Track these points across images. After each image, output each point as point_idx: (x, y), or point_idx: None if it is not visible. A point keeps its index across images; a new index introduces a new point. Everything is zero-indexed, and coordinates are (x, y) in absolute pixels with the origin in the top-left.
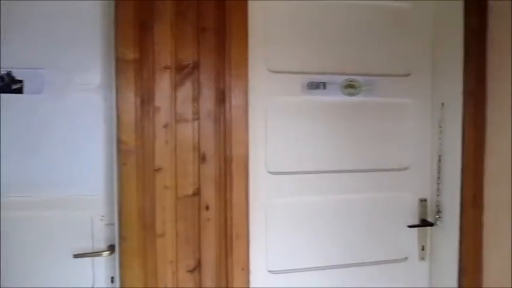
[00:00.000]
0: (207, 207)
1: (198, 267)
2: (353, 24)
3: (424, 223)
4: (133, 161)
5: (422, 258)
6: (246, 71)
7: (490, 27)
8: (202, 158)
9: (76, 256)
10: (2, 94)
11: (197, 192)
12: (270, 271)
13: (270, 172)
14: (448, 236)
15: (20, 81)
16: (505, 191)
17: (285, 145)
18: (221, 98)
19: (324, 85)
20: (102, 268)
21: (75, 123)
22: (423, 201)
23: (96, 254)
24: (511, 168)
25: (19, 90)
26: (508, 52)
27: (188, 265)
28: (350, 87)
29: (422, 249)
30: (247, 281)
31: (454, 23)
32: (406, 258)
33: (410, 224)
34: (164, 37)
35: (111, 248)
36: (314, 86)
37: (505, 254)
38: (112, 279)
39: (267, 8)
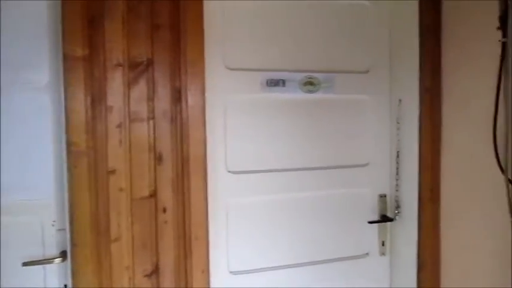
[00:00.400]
0: (164, 209)
1: (155, 271)
2: (312, 21)
3: (384, 218)
4: (85, 163)
5: (383, 254)
6: (203, 69)
7: (443, 24)
8: (159, 159)
9: (25, 264)
10: None
11: (154, 194)
12: (231, 272)
13: (230, 171)
14: (407, 231)
15: None
16: (461, 186)
17: (245, 144)
18: (177, 96)
19: (283, 82)
20: (54, 276)
21: (22, 124)
22: (383, 196)
23: (47, 261)
24: (467, 164)
25: None
26: (461, 48)
27: (145, 270)
28: (309, 84)
29: (383, 244)
30: (208, 283)
31: (410, 20)
32: (367, 254)
33: (370, 219)
34: (116, 34)
35: (63, 255)
36: (273, 83)
37: (462, 248)
38: (65, 287)
39: (223, 5)
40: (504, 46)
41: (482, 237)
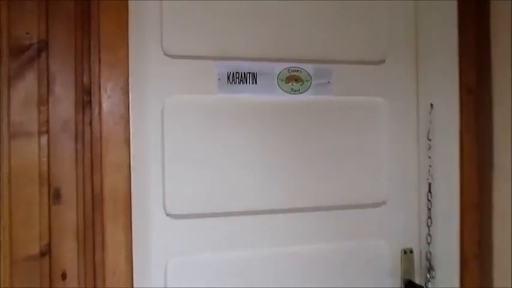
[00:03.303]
0: (64, 275)
1: None
2: None
3: (410, 286)
4: None
5: None
6: (126, 55)
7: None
8: (55, 196)
9: None
10: None
11: (47, 251)
12: None
13: (170, 215)
14: None
15: None
16: None
17: (194, 172)
18: (86, 98)
19: (253, 77)
20: None
21: None
22: (408, 253)
23: None
24: None
25: None
26: None
27: None
28: (293, 80)
29: None
30: None
31: None
32: None
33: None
34: None
35: None
36: (238, 78)
37: None
38: None
39: None
40: None
41: None
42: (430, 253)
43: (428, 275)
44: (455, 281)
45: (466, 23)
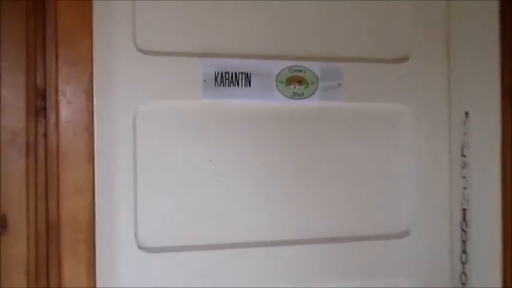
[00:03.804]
0: None
1: None
2: None
3: None
4: None
5: None
6: (89, 51)
7: None
8: (1, 225)
9: None
10: None
11: None
12: None
13: (143, 248)
14: None
15: None
16: None
17: (174, 195)
18: (39, 104)
19: (247, 78)
20: None
21: None
22: None
23: None
24: None
25: None
26: None
27: None
28: (296, 82)
29: None
30: None
31: None
32: None
33: None
34: None
35: None
36: (228, 79)
37: None
38: None
39: None
40: None
41: None
42: None
43: None
44: None
45: (509, 11)
